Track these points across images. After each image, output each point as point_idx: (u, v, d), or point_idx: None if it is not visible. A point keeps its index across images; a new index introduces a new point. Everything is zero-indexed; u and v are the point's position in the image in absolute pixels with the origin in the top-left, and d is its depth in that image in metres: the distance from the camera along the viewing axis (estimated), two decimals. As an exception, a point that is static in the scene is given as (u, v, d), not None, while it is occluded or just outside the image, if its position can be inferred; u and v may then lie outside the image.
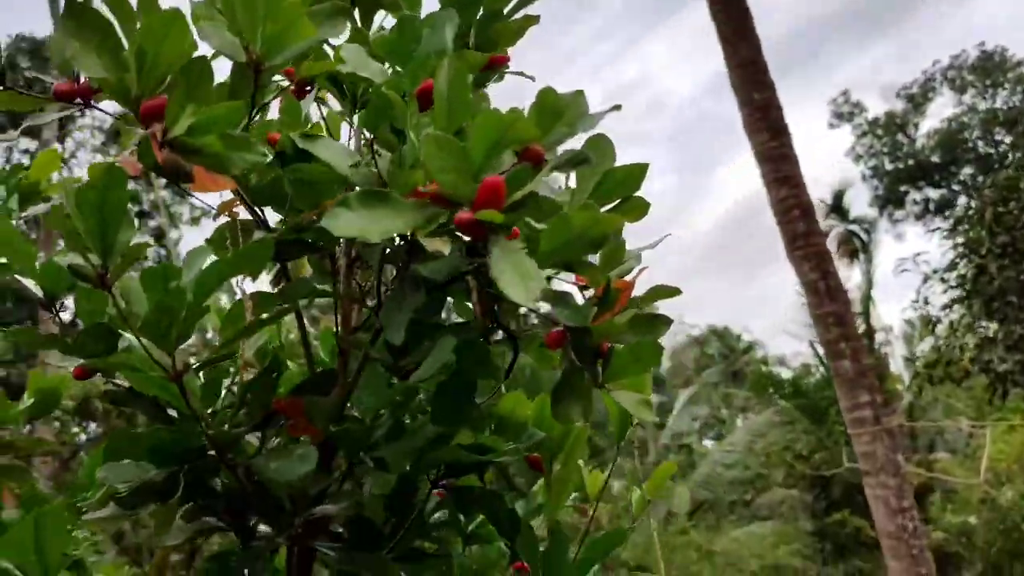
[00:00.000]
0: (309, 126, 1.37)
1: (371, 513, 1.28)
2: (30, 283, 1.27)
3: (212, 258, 1.17)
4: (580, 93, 1.09)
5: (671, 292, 1.26)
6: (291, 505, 1.22)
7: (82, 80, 1.06)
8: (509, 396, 1.60)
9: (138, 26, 0.98)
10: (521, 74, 1.69)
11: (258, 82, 1.07)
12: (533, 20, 1.57)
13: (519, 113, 1.02)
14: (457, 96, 1.04)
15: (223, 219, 1.34)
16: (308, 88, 1.35)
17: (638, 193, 1.25)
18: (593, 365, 1.19)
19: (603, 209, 1.24)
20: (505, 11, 1.53)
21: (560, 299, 1.16)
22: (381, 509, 1.29)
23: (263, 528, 1.29)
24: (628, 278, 1.32)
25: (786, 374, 24.86)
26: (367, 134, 1.18)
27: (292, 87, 1.34)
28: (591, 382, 1.19)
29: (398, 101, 1.13)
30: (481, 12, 1.52)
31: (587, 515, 2.34)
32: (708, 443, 27.60)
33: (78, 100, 1.05)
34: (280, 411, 1.21)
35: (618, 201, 1.24)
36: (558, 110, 1.05)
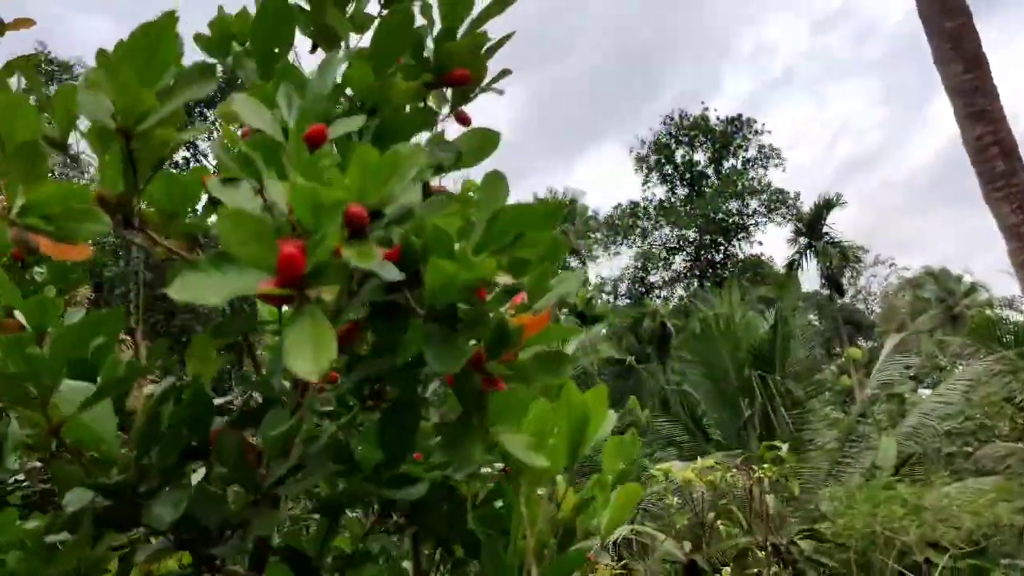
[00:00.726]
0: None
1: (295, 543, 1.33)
2: None
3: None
4: (418, 148, 1.07)
5: (571, 332, 1.21)
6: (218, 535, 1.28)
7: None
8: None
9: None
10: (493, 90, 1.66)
11: (130, 145, 1.11)
12: (503, 40, 1.55)
13: (338, 178, 1.01)
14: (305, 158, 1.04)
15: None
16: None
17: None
18: (476, 407, 1.17)
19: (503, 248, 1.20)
20: (460, 31, 1.51)
21: (431, 339, 1.14)
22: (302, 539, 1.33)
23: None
24: (540, 313, 1.28)
25: (1016, 317, 22.92)
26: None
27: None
28: (478, 424, 1.18)
29: (272, 147, 1.15)
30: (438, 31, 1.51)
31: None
32: (924, 392, 25.97)
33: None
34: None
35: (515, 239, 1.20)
36: (381, 169, 1.02)
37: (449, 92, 1.65)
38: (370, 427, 1.40)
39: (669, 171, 56.37)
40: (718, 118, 55.68)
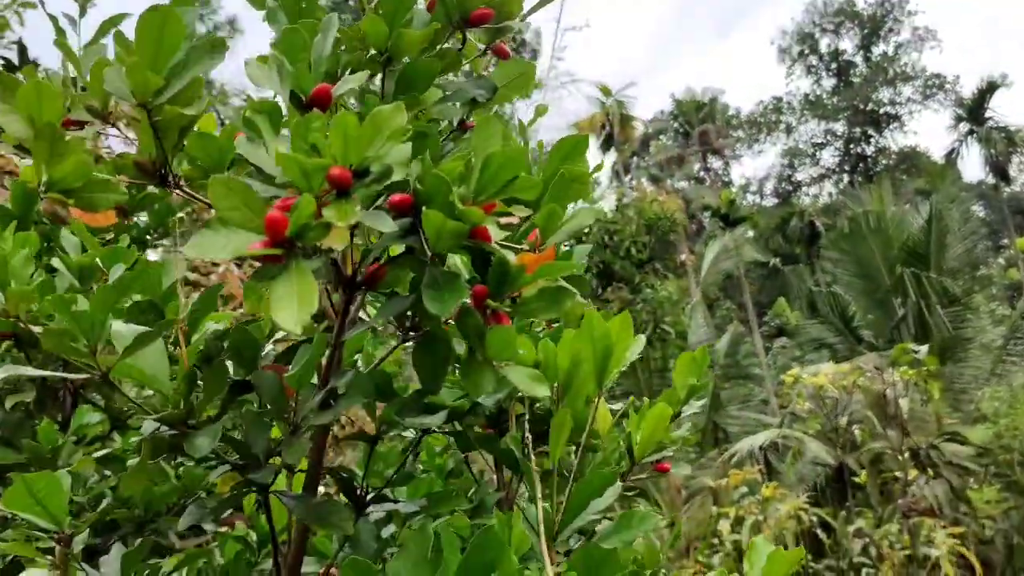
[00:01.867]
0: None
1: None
2: None
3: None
4: (398, 108, 1.12)
5: (568, 267, 1.26)
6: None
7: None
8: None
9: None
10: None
11: (151, 117, 1.22)
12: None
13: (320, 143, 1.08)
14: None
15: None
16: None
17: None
18: (478, 342, 1.24)
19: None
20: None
21: (429, 282, 1.21)
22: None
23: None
24: (545, 249, 1.32)
25: None
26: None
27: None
28: (482, 358, 1.25)
29: (275, 111, 1.23)
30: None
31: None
32: None
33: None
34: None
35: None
36: (362, 133, 1.08)
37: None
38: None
39: (814, 62, 53.57)
40: (866, 1, 52.24)
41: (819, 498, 11.82)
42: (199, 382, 1.36)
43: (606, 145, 41.26)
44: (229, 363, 1.43)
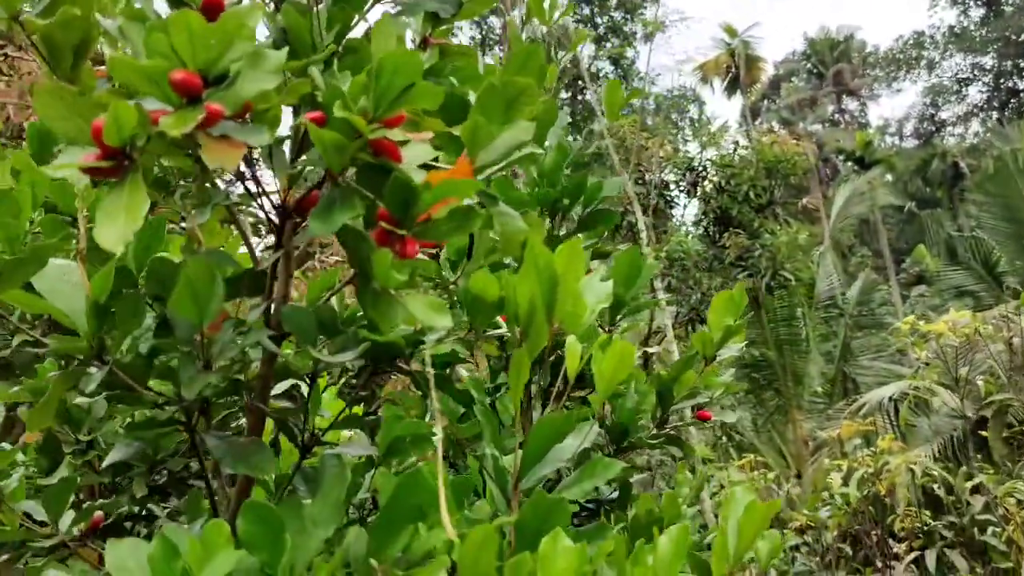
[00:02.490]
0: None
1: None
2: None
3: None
4: (253, 8, 1.00)
5: (474, 186, 1.12)
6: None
7: None
8: (477, 275, 1.55)
9: None
10: None
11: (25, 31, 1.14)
12: None
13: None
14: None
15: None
16: None
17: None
18: (367, 267, 1.13)
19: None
20: None
21: (323, 202, 1.10)
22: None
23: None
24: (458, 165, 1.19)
25: None
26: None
27: None
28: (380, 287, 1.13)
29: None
30: None
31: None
32: None
33: None
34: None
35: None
36: (207, 35, 0.96)
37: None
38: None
39: (961, -10, 50.00)
40: (1022, -81, 48.18)
41: (956, 452, 11.18)
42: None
43: (731, 88, 39.83)
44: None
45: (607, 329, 2.30)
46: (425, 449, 1.71)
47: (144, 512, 2.02)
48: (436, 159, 1.22)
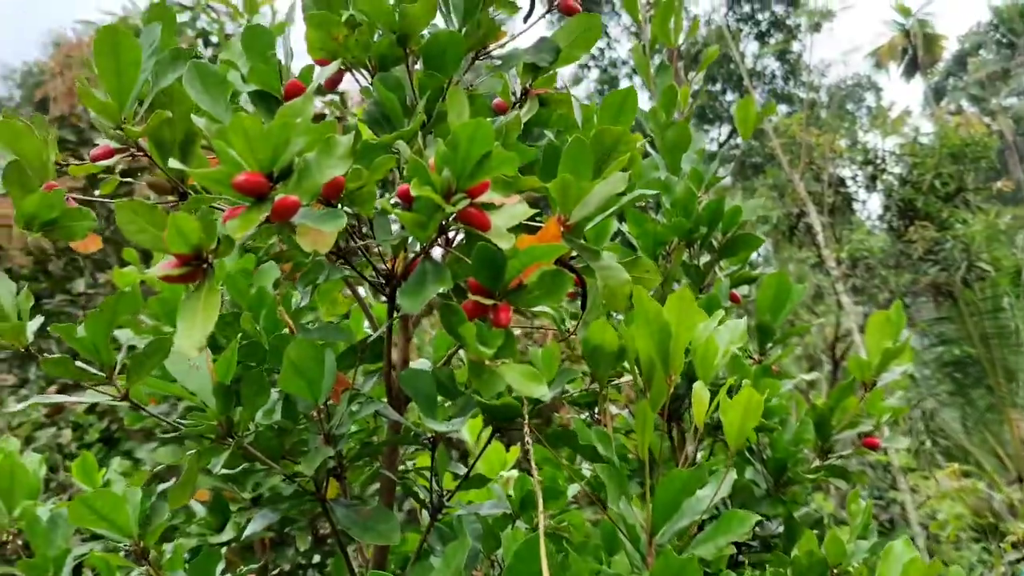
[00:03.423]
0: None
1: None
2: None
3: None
4: (307, 99, 1.00)
5: (558, 250, 1.09)
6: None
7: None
8: (595, 325, 1.51)
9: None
10: None
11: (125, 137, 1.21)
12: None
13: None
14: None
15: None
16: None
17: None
18: (462, 341, 1.12)
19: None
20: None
21: (415, 280, 1.10)
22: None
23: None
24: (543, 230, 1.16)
25: None
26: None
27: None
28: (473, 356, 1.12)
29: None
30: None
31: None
32: None
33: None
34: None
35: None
36: (267, 135, 0.98)
37: None
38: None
39: None
40: None
41: None
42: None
43: (910, 71, 37.61)
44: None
45: (755, 359, 2.20)
46: (560, 503, 1.69)
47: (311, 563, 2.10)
48: (536, 216, 1.20)
